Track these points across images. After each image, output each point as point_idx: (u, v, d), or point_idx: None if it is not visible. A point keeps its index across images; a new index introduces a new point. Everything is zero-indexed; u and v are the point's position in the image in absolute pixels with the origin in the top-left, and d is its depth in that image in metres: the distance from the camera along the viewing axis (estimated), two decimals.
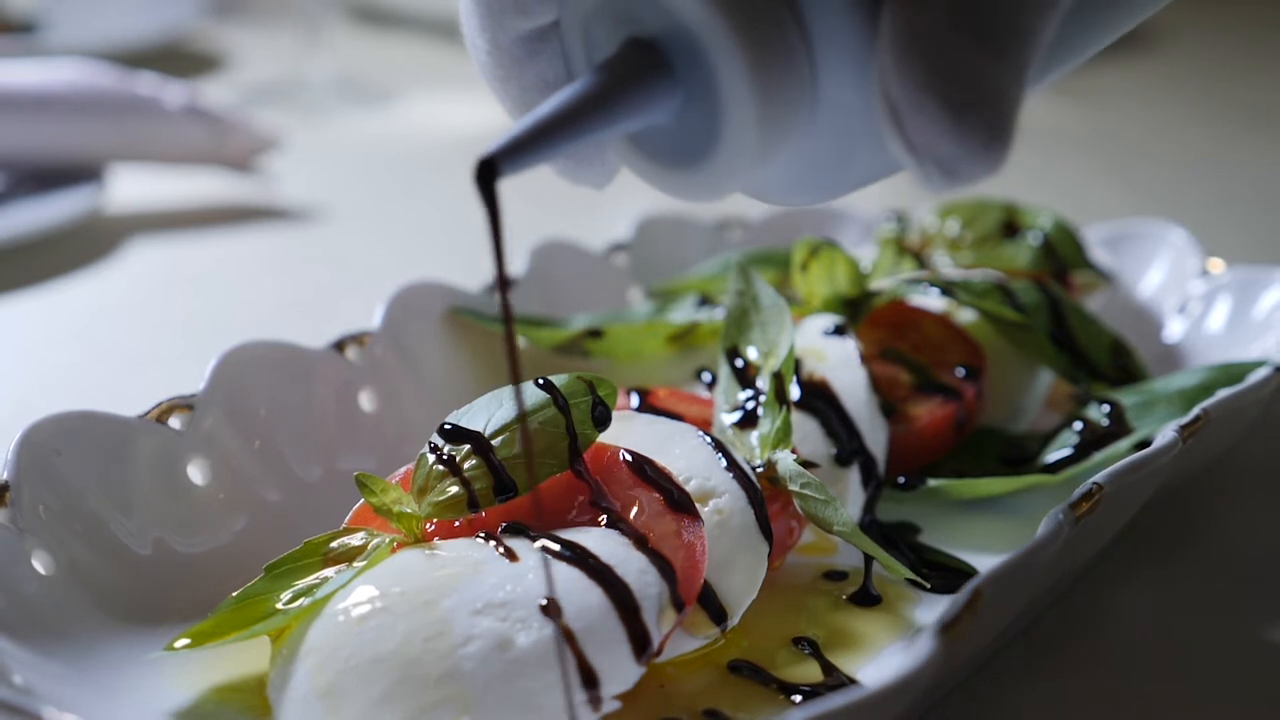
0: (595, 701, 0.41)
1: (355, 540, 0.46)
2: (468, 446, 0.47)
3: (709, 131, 0.39)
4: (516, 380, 0.41)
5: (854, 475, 0.54)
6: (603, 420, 0.48)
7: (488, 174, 0.39)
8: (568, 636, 0.41)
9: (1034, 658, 0.49)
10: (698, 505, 0.47)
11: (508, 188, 0.40)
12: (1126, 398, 0.59)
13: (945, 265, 0.69)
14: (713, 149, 0.39)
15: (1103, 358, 0.62)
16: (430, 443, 0.47)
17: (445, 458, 0.46)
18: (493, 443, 0.47)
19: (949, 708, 0.46)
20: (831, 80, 0.38)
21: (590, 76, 0.39)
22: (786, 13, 0.37)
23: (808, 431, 0.54)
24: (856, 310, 0.62)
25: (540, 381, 0.48)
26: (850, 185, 0.41)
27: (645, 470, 0.47)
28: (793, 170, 0.40)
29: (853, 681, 0.46)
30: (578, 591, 0.42)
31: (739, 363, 0.56)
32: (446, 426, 0.47)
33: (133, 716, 0.43)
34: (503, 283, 0.40)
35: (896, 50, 0.35)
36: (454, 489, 0.46)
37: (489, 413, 0.48)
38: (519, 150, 0.39)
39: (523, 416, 0.44)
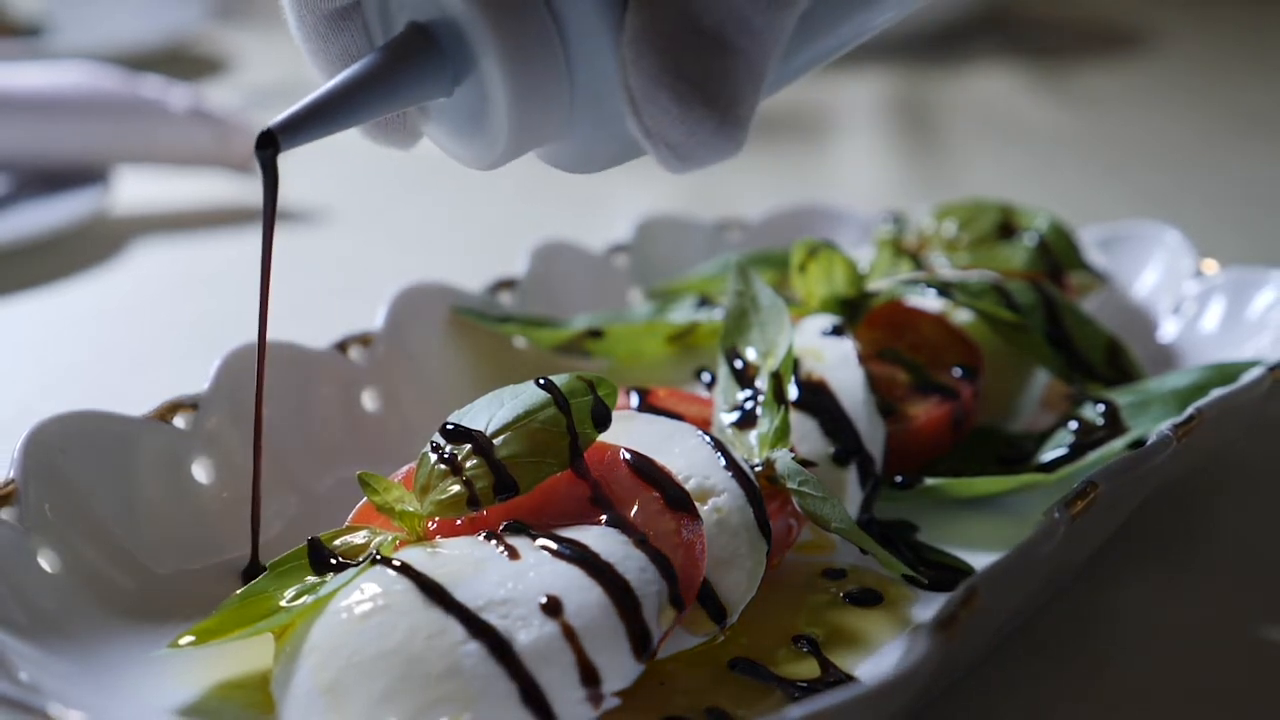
0: (595, 698, 0.41)
1: (358, 538, 0.46)
2: (469, 446, 0.47)
3: (481, 109, 0.43)
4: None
5: (852, 474, 0.54)
6: (602, 420, 0.48)
7: (266, 145, 0.43)
8: (568, 634, 0.41)
9: (1030, 655, 0.49)
10: (697, 504, 0.47)
11: (510, 188, 0.41)
12: (1121, 397, 0.59)
13: (942, 266, 0.69)
14: (482, 125, 0.43)
15: (1098, 358, 0.62)
16: (432, 442, 0.47)
17: (446, 457, 0.47)
18: (494, 442, 0.47)
19: (946, 705, 0.46)
20: (585, 69, 0.41)
21: (370, 57, 0.43)
22: (542, 8, 0.40)
23: (806, 431, 0.55)
24: (854, 311, 0.62)
25: (541, 381, 0.49)
26: (615, 159, 0.45)
27: (645, 469, 0.47)
28: (564, 146, 0.44)
29: (850, 678, 0.46)
30: (578, 589, 0.42)
31: (738, 363, 0.56)
32: (448, 426, 0.48)
33: (137, 713, 0.43)
34: (267, 251, 0.46)
35: (634, 45, 0.39)
36: (455, 488, 0.46)
37: (490, 412, 0.48)
38: (298, 125, 0.43)
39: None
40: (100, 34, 1.38)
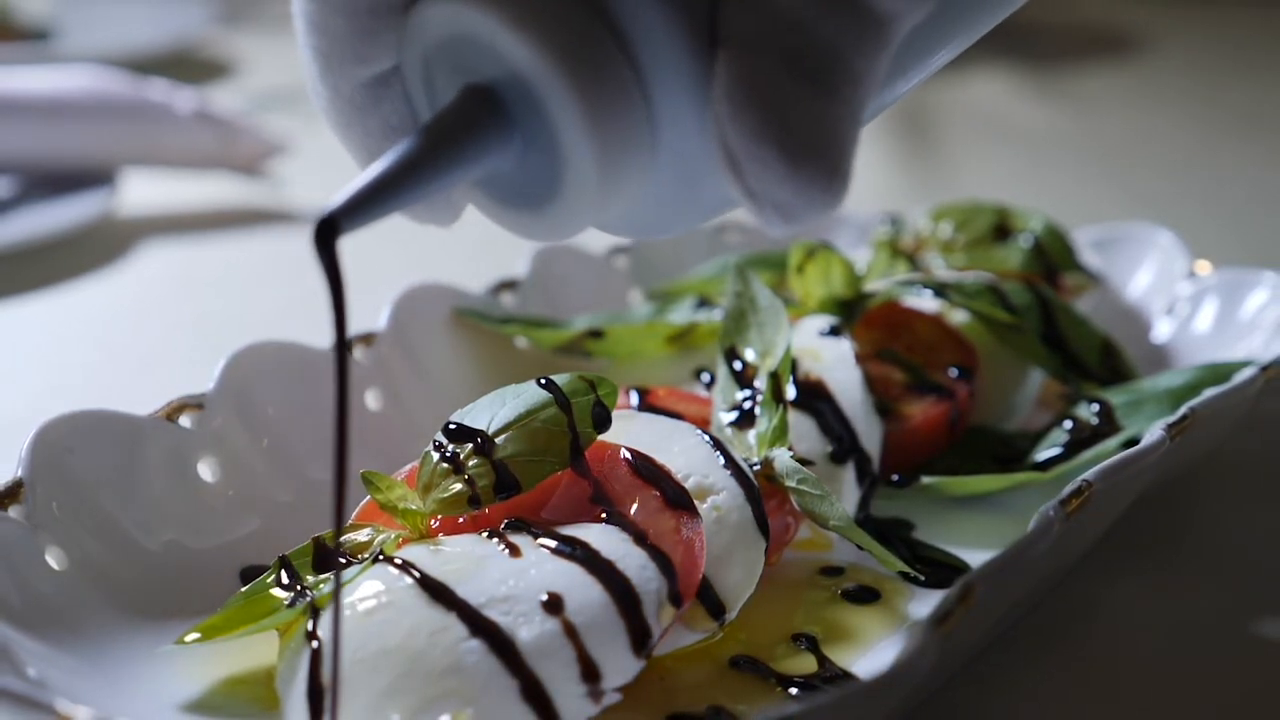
0: (596, 695, 0.41)
1: (362, 536, 0.47)
2: (470, 445, 0.47)
3: (550, 176, 0.38)
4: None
5: (849, 472, 0.54)
6: (602, 420, 0.48)
7: (327, 234, 0.38)
8: (569, 631, 0.41)
9: (1025, 652, 0.49)
10: (696, 502, 0.47)
11: None
12: (1116, 397, 0.60)
13: (938, 267, 0.69)
14: (555, 193, 0.38)
15: (1092, 358, 0.62)
16: (434, 441, 0.48)
17: (449, 456, 0.47)
18: (495, 441, 0.47)
19: (943, 701, 0.46)
20: (670, 125, 0.37)
21: (426, 129, 0.38)
22: (622, 61, 0.36)
23: (804, 430, 0.55)
24: (852, 311, 0.63)
25: (542, 381, 0.49)
26: (694, 221, 0.41)
27: (645, 468, 0.48)
28: (637, 208, 0.39)
29: (848, 675, 0.46)
30: (579, 586, 0.43)
31: (737, 363, 0.57)
32: (451, 426, 0.48)
33: (144, 709, 0.44)
34: (341, 348, 0.39)
35: (731, 99, 0.35)
36: (457, 486, 0.46)
37: (492, 412, 0.48)
38: (358, 208, 0.38)
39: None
40: (107, 38, 1.38)
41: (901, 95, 0.40)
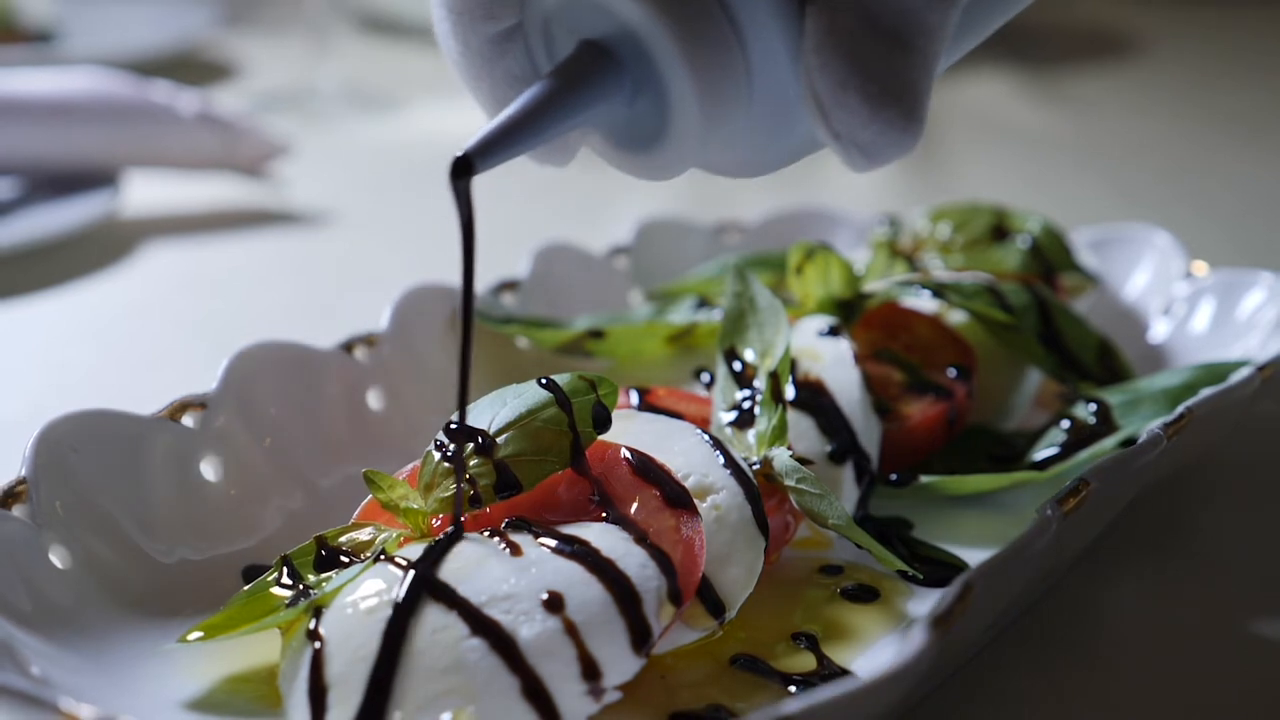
0: (596, 692, 0.41)
1: (363, 535, 0.47)
2: (472, 445, 0.47)
3: (658, 120, 0.43)
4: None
5: (848, 472, 0.54)
6: (602, 421, 0.49)
7: (462, 171, 0.43)
8: (569, 629, 0.42)
9: (1023, 650, 0.49)
10: (696, 501, 0.47)
11: (512, 194, 0.41)
12: (1113, 397, 0.60)
13: (936, 268, 0.69)
14: (662, 136, 0.44)
15: (1090, 358, 0.62)
16: (436, 441, 0.48)
17: (450, 455, 0.47)
18: (497, 441, 0.47)
19: (941, 700, 0.46)
20: (764, 75, 0.42)
21: (549, 78, 0.43)
22: (723, 19, 0.41)
23: (803, 429, 0.55)
24: (850, 312, 0.63)
25: (543, 381, 0.49)
26: (784, 161, 0.45)
27: (645, 467, 0.48)
28: (735, 149, 0.44)
29: (847, 673, 0.46)
30: (579, 585, 0.43)
31: (736, 363, 0.57)
32: (452, 425, 0.48)
33: (147, 707, 0.44)
34: (468, 276, 0.46)
35: (820, 52, 0.40)
36: (453, 484, 0.46)
37: (493, 411, 0.49)
38: (490, 148, 0.43)
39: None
40: (110, 40, 1.38)
41: (969, 49, 0.46)
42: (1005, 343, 0.62)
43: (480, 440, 0.48)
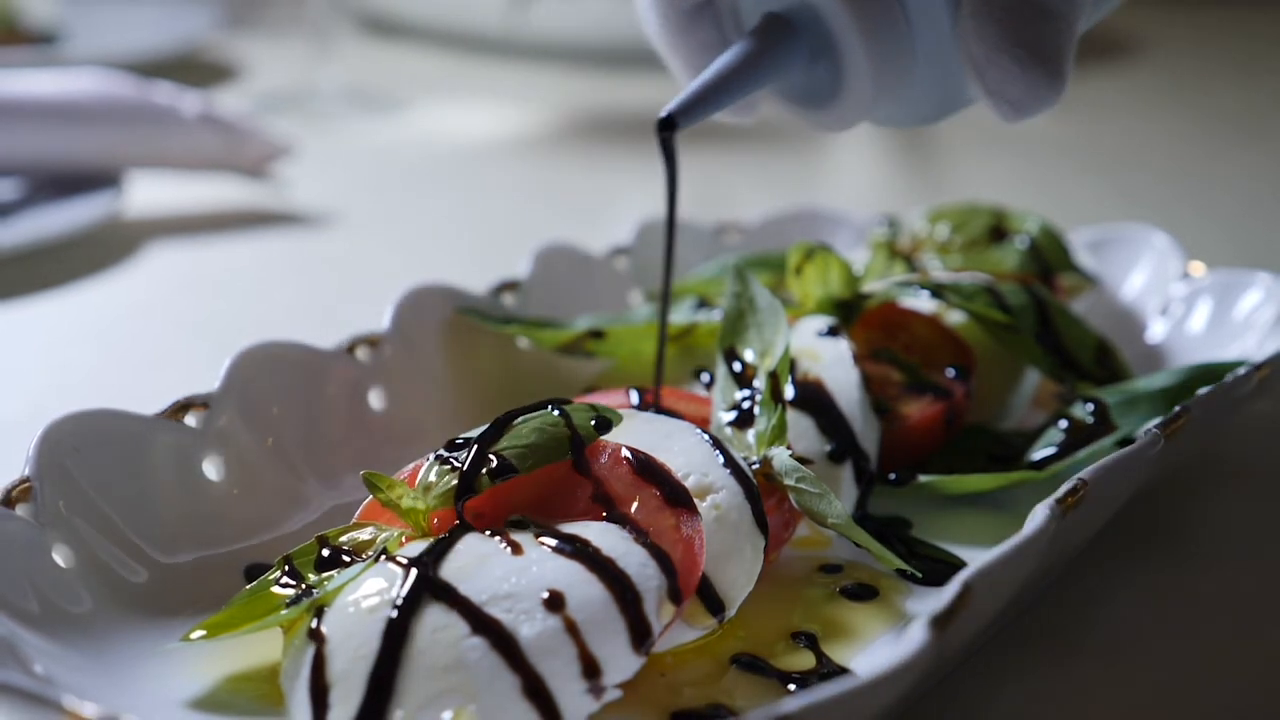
0: (597, 691, 0.42)
1: (364, 535, 0.47)
2: (473, 447, 0.48)
3: (833, 81, 0.52)
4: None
5: (847, 471, 0.55)
6: (603, 425, 0.49)
7: (668, 127, 0.51)
8: (570, 628, 0.42)
9: (1021, 648, 0.49)
10: (696, 500, 0.47)
11: (513, 195, 0.41)
12: (1110, 396, 0.60)
13: (935, 268, 0.69)
14: (837, 95, 0.53)
15: (1087, 358, 0.62)
16: (438, 454, 0.48)
17: (449, 458, 0.48)
18: (496, 439, 0.48)
19: (940, 698, 0.46)
20: (926, 39, 0.50)
21: (739, 46, 0.52)
22: None
23: (803, 429, 0.55)
24: (849, 312, 0.63)
25: (546, 403, 0.50)
26: (943, 115, 0.54)
27: (645, 467, 0.48)
28: (899, 105, 0.53)
29: (846, 671, 0.46)
30: (580, 584, 0.43)
31: (736, 363, 0.57)
32: (456, 440, 0.48)
33: (149, 705, 0.44)
34: (671, 224, 0.55)
35: (976, 18, 0.48)
36: (455, 480, 0.47)
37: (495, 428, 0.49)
38: (690, 108, 0.51)
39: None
40: (113, 41, 1.38)
41: (1104, 15, 0.54)
42: (1003, 343, 0.62)
43: (479, 440, 0.48)
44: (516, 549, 0.44)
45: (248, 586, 0.47)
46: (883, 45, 0.50)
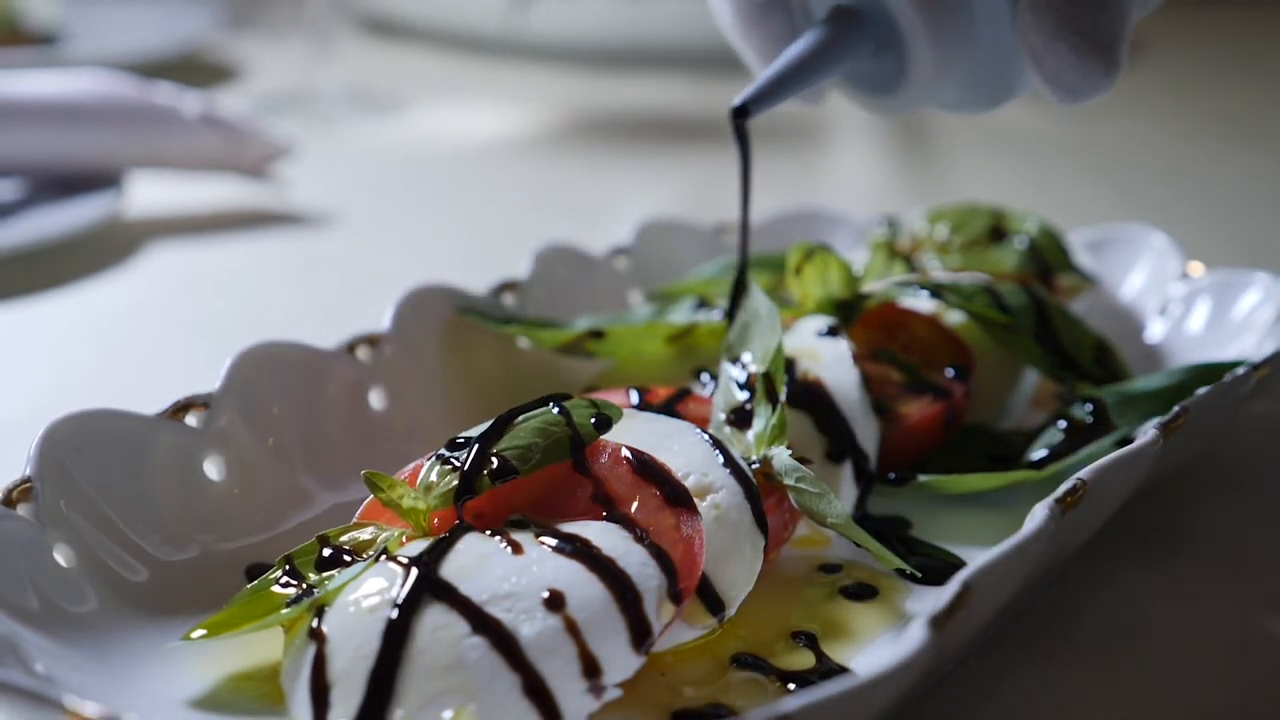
0: (597, 690, 0.42)
1: (365, 534, 0.47)
2: (474, 448, 0.48)
3: (898, 69, 0.56)
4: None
5: (847, 471, 0.55)
6: (603, 425, 0.49)
7: (742, 115, 0.55)
8: (570, 627, 0.42)
9: (1020, 647, 0.49)
10: (696, 500, 0.47)
11: (513, 195, 0.41)
12: (1109, 396, 0.60)
13: (934, 268, 0.69)
14: (902, 81, 0.56)
15: (1086, 358, 0.62)
16: (439, 454, 0.48)
17: (449, 458, 0.48)
18: (496, 440, 0.48)
19: (939, 697, 0.47)
20: (986, 29, 0.54)
21: (809, 36, 0.55)
22: None
23: (802, 429, 0.55)
24: (849, 312, 0.63)
25: (547, 400, 0.50)
26: (1003, 100, 0.57)
27: (645, 466, 0.48)
28: (961, 91, 0.56)
29: (845, 670, 0.46)
30: (580, 583, 0.43)
31: (736, 366, 0.57)
32: (457, 440, 0.48)
33: (150, 704, 0.44)
34: (745, 207, 0.59)
35: (1033, 11, 0.51)
36: (456, 481, 0.47)
37: (495, 428, 0.49)
38: (763, 96, 0.55)
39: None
40: (114, 42, 1.39)
41: (1158, 3, 0.57)
42: (1003, 343, 0.62)
43: (479, 441, 0.48)
44: (517, 549, 0.44)
45: (248, 586, 0.47)
46: (946, 36, 0.53)
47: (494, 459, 0.47)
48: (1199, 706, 0.47)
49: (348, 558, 0.46)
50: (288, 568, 0.46)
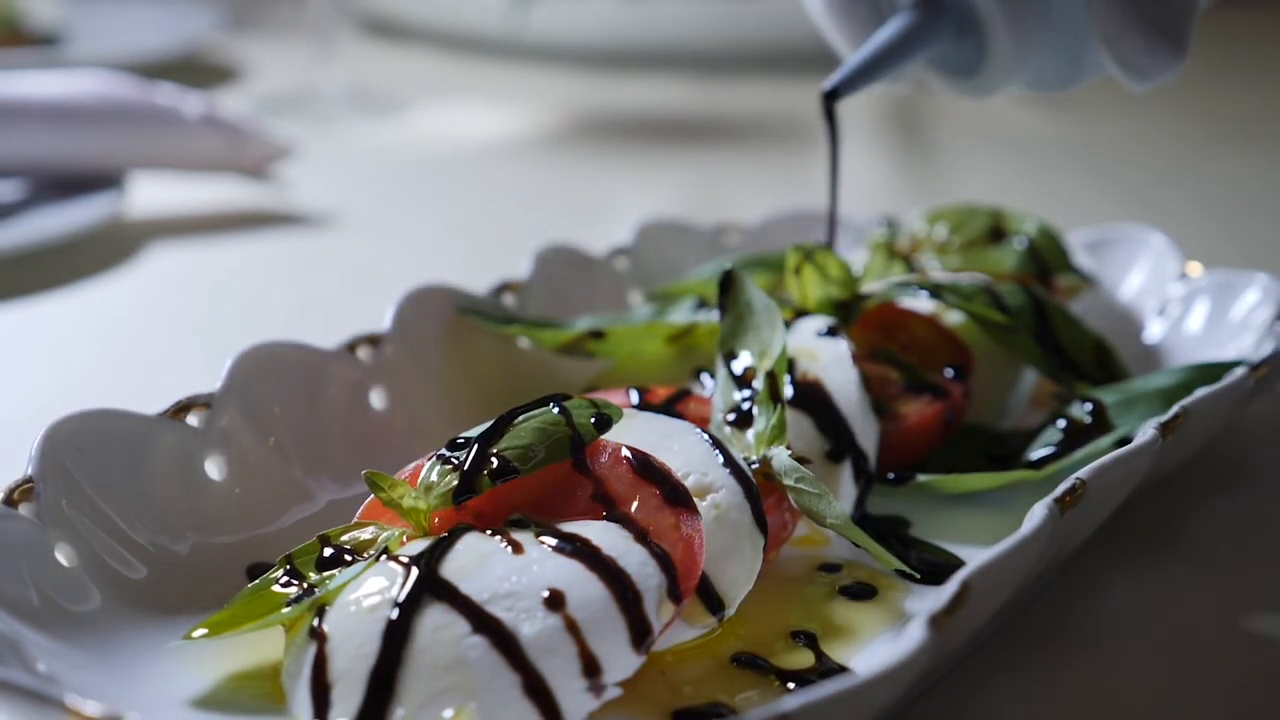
0: (597, 689, 0.42)
1: (365, 534, 0.47)
2: (474, 448, 0.48)
3: (978, 53, 0.60)
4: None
5: (846, 471, 0.55)
6: (603, 424, 0.49)
7: (831, 100, 0.60)
8: (570, 626, 0.42)
9: (1020, 647, 0.49)
10: (696, 500, 0.47)
11: (513, 196, 0.41)
12: (1108, 396, 0.60)
13: (934, 269, 0.69)
14: (981, 65, 0.61)
15: (1085, 358, 0.62)
16: (439, 454, 0.48)
17: (450, 458, 0.48)
18: (496, 439, 0.48)
19: (938, 697, 0.47)
20: (1062, 15, 0.58)
21: (894, 23, 0.59)
22: None
23: (802, 429, 0.55)
24: (848, 312, 0.63)
25: (547, 400, 0.50)
26: (1078, 83, 0.62)
27: (645, 466, 0.48)
28: (1037, 74, 0.61)
29: (845, 670, 0.46)
30: (580, 583, 0.43)
31: (735, 364, 0.57)
32: (457, 440, 0.49)
33: (152, 703, 0.44)
34: (834, 188, 0.65)
35: (1106, 1, 0.55)
36: (456, 480, 0.47)
37: (495, 428, 0.49)
38: (851, 80, 0.60)
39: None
40: (115, 43, 1.39)
41: None
42: (1002, 343, 0.63)
43: (479, 441, 0.48)
44: (517, 548, 0.44)
45: (249, 585, 0.47)
46: (1024, 23, 0.57)
47: (494, 459, 0.47)
48: (1199, 706, 0.47)
49: (348, 557, 0.46)
50: (288, 567, 0.46)
